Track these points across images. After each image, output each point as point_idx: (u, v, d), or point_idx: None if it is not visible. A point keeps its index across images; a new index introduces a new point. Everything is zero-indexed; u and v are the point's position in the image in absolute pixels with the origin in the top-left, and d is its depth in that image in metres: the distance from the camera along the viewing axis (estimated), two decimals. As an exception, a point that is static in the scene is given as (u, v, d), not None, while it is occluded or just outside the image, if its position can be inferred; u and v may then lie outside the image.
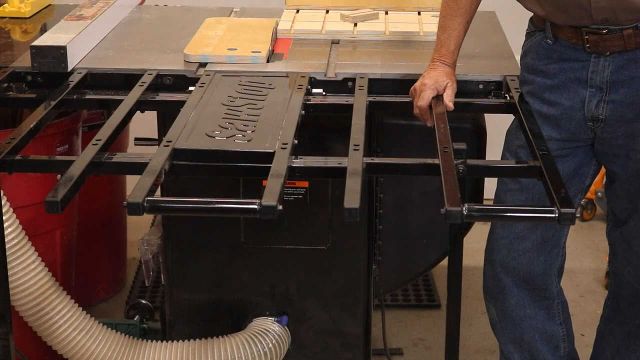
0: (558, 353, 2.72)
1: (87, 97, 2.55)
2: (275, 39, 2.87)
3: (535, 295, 2.66)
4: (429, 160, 2.12)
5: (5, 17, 3.17)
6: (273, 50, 2.79)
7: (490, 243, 2.67)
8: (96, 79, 2.60)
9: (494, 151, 2.75)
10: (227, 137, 2.16)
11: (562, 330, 2.72)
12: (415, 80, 2.47)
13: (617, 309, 2.68)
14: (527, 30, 2.57)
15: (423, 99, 2.41)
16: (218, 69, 2.60)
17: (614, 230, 2.61)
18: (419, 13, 3.11)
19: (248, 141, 2.15)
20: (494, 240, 2.65)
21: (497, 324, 2.73)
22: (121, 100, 2.41)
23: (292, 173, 2.09)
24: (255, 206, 1.87)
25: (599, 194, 4.22)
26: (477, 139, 2.73)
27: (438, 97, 2.41)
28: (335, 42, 2.87)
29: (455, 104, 2.41)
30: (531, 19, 2.56)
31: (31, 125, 2.24)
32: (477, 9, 2.52)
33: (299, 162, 2.12)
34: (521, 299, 2.66)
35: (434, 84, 2.42)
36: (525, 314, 2.68)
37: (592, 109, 2.43)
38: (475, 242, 4.04)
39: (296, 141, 2.16)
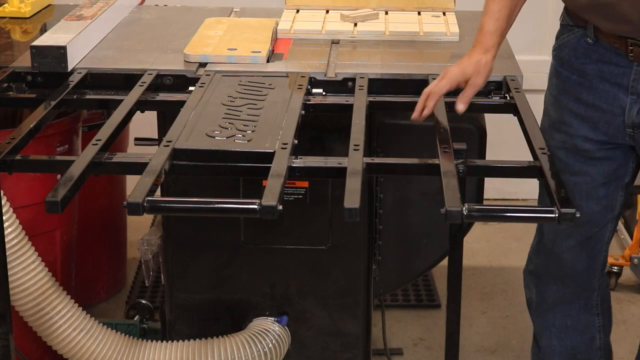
0: (594, 344, 2.72)
1: (87, 97, 2.54)
2: (275, 39, 2.87)
3: (575, 287, 2.67)
4: (429, 160, 2.12)
5: (5, 17, 3.17)
6: (273, 50, 2.79)
7: (538, 240, 2.69)
8: (96, 79, 2.60)
9: (494, 151, 2.75)
10: (227, 137, 2.16)
11: (599, 321, 2.72)
12: (415, 80, 2.47)
13: None
14: (562, 21, 2.51)
15: (435, 86, 2.24)
16: (218, 69, 2.59)
17: None
18: (419, 13, 3.11)
19: (248, 141, 2.14)
20: (540, 235, 2.67)
21: (534, 304, 2.74)
22: (121, 100, 2.41)
23: (292, 173, 2.08)
24: (255, 206, 1.87)
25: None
26: (477, 139, 2.73)
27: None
28: (335, 42, 2.87)
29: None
30: (567, 11, 2.49)
31: (31, 125, 2.24)
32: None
33: (299, 162, 2.12)
34: (560, 289, 2.67)
35: (457, 76, 2.23)
36: (561, 300, 2.69)
37: (633, 116, 2.40)
38: (475, 242, 4.05)
39: (296, 141, 2.15)
